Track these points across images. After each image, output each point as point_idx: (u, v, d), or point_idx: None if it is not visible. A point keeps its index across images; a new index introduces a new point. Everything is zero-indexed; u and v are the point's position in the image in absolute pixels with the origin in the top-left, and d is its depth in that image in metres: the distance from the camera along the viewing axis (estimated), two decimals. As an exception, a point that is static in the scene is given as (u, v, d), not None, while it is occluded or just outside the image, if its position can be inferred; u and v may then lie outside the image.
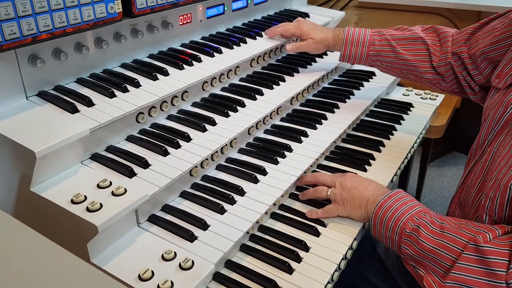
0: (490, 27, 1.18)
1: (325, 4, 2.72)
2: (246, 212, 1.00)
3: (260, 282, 0.89)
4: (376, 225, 0.98)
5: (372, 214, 0.99)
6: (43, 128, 0.91)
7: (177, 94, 1.18)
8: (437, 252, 0.87)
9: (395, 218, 0.95)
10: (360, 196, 1.03)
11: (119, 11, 1.08)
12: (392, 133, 1.45)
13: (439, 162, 3.06)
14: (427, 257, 0.88)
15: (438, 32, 1.32)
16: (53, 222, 0.89)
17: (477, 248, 0.81)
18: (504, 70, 1.05)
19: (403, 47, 1.33)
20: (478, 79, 1.20)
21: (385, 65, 1.38)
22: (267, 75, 1.45)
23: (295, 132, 1.30)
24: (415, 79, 1.38)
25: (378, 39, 1.35)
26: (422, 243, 0.89)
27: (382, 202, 0.98)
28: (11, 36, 0.88)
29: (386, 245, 0.98)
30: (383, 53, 1.35)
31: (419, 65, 1.32)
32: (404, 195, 0.99)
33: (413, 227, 0.91)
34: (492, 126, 1.02)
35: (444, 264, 0.85)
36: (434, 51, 1.29)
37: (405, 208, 0.95)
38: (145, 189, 0.91)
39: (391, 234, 0.95)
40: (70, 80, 1.09)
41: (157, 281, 0.81)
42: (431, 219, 0.91)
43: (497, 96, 1.05)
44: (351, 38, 1.37)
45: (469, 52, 1.20)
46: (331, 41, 1.42)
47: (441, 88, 1.34)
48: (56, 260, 0.50)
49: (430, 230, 0.89)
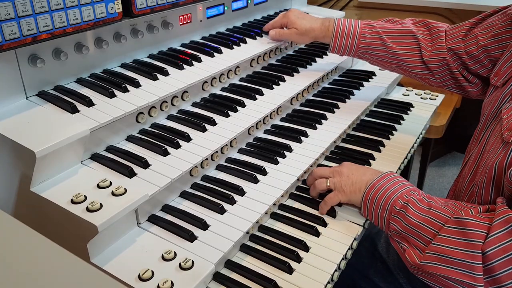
0: (488, 23, 1.18)
1: (325, 4, 2.72)
2: (246, 212, 1.00)
3: (260, 282, 0.89)
4: (367, 204, 1.02)
5: (363, 194, 1.03)
6: (43, 128, 0.91)
7: (177, 94, 1.18)
8: (421, 226, 0.90)
9: (386, 196, 0.98)
10: (359, 180, 1.06)
11: (119, 11, 1.08)
12: (392, 133, 1.45)
13: (439, 162, 3.06)
14: (411, 231, 0.92)
15: (429, 26, 1.32)
16: (53, 222, 0.89)
17: (458, 221, 0.85)
18: (502, 68, 1.06)
19: (393, 41, 1.33)
20: (481, 72, 1.21)
21: (375, 58, 1.38)
22: (267, 75, 1.45)
23: (295, 132, 1.30)
24: (403, 73, 1.39)
25: (368, 32, 1.35)
26: (409, 218, 0.92)
27: (374, 183, 1.02)
28: (11, 36, 0.88)
29: (375, 223, 1.02)
30: (373, 46, 1.35)
31: (408, 59, 1.32)
32: (395, 176, 1.03)
33: (402, 204, 0.95)
34: (487, 120, 1.05)
35: (425, 237, 0.89)
36: (425, 46, 1.29)
37: (396, 188, 0.99)
38: (145, 189, 0.91)
39: (381, 212, 0.99)
40: (70, 80, 1.09)
41: (157, 281, 0.81)
42: (420, 197, 0.95)
43: (495, 94, 1.06)
44: (341, 30, 1.36)
45: (466, 48, 1.20)
46: (318, 32, 1.40)
47: (429, 83, 1.35)
48: (56, 260, 0.50)
49: (417, 207, 0.93)
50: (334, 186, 1.08)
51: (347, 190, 1.06)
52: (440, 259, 0.85)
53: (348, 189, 1.06)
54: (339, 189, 1.07)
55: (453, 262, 0.83)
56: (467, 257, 0.82)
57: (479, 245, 0.80)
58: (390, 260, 1.19)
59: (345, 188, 1.07)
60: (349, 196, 1.06)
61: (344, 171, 1.09)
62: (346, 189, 1.06)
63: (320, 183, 1.10)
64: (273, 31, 1.46)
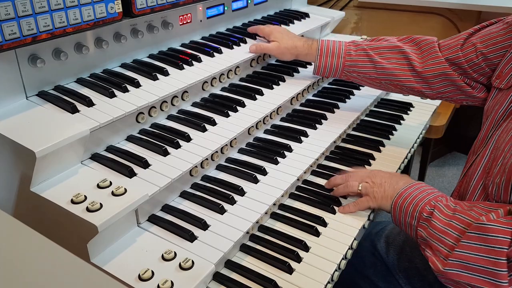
0: (486, 32, 1.18)
1: (325, 4, 2.72)
2: (246, 212, 1.00)
3: (260, 282, 0.89)
4: (396, 213, 1.02)
5: (392, 202, 1.03)
6: (43, 128, 0.91)
7: (177, 94, 1.18)
8: (445, 231, 0.90)
9: (414, 203, 0.98)
10: (392, 189, 1.06)
11: (119, 11, 1.08)
12: (392, 133, 1.45)
13: (439, 162, 3.06)
14: (435, 237, 0.91)
15: (417, 41, 1.30)
16: (53, 222, 0.89)
17: (480, 227, 0.83)
18: (504, 70, 1.06)
19: (381, 56, 1.30)
20: (481, 79, 1.21)
21: (362, 76, 1.34)
22: (267, 75, 1.45)
23: (295, 132, 1.30)
24: (394, 89, 1.35)
25: (354, 49, 1.33)
26: (434, 224, 0.92)
27: (403, 191, 1.02)
28: (11, 36, 0.88)
29: (406, 232, 1.02)
30: (360, 63, 1.32)
31: (399, 73, 1.29)
32: (424, 185, 1.03)
33: (429, 211, 0.94)
34: (494, 122, 1.04)
35: (449, 242, 0.88)
36: (415, 58, 1.27)
37: (424, 195, 0.99)
38: (145, 189, 0.91)
39: (410, 220, 0.99)
40: (70, 80, 1.09)
41: (157, 281, 0.81)
42: (447, 203, 0.95)
43: (499, 96, 1.06)
44: (325, 49, 1.34)
45: (465, 56, 1.19)
46: (301, 50, 1.37)
47: (424, 94, 1.32)
48: (56, 260, 0.50)
49: (443, 213, 0.92)
50: (366, 191, 1.09)
51: (378, 197, 1.07)
52: (463, 266, 0.84)
53: (379, 196, 1.07)
54: (370, 195, 1.08)
55: (476, 269, 0.82)
56: (491, 264, 0.80)
57: (504, 252, 0.79)
58: (390, 260, 1.19)
59: (377, 195, 1.07)
60: (379, 203, 1.07)
61: (378, 179, 1.10)
62: (377, 196, 1.07)
63: (352, 186, 1.11)
64: (253, 46, 1.41)
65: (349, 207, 1.10)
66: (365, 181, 1.10)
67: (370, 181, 1.10)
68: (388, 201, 1.05)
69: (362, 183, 1.10)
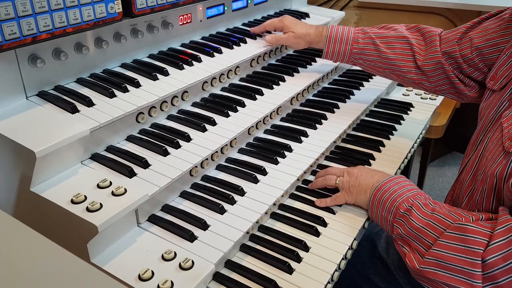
0: (483, 27, 1.18)
1: (325, 4, 2.72)
2: (246, 212, 1.00)
3: (260, 282, 0.89)
4: (374, 206, 1.02)
5: (371, 195, 1.03)
6: (43, 128, 0.91)
7: (177, 94, 1.18)
8: (423, 230, 0.90)
9: (391, 198, 0.99)
10: (366, 182, 1.07)
11: (119, 11, 1.08)
12: (392, 133, 1.45)
13: (439, 162, 3.06)
14: (413, 235, 0.92)
15: (423, 31, 1.31)
16: (53, 222, 0.89)
17: (459, 227, 0.84)
18: (498, 72, 1.06)
19: (386, 46, 1.33)
20: (476, 75, 1.21)
21: (368, 64, 1.38)
22: (267, 75, 1.45)
23: (295, 132, 1.30)
24: (397, 79, 1.38)
25: (361, 37, 1.35)
26: (412, 222, 0.92)
27: (382, 184, 1.03)
28: (11, 36, 0.88)
29: (381, 226, 1.02)
30: (366, 51, 1.35)
31: (402, 64, 1.31)
32: (403, 180, 1.03)
33: (406, 208, 0.95)
34: (485, 125, 1.05)
35: (426, 241, 0.89)
36: (419, 51, 1.29)
37: (402, 191, 0.99)
38: (145, 189, 0.91)
39: (386, 214, 0.99)
40: (70, 80, 1.09)
41: (157, 281, 0.81)
42: (425, 202, 0.95)
43: (492, 98, 1.06)
44: (334, 35, 1.37)
45: (461, 51, 1.20)
46: (313, 37, 1.40)
47: (424, 87, 1.34)
48: (56, 260, 0.50)
49: (421, 211, 0.93)
50: (342, 185, 1.10)
51: (354, 191, 1.08)
52: (439, 265, 0.85)
53: (354, 190, 1.07)
54: (346, 190, 1.09)
55: (452, 268, 0.83)
56: (467, 264, 0.81)
57: (480, 253, 0.80)
58: (390, 260, 1.19)
59: (352, 189, 1.08)
60: (355, 198, 1.07)
61: (355, 172, 1.11)
62: (352, 190, 1.08)
63: (330, 179, 1.12)
64: (269, 36, 1.45)
65: (326, 201, 1.10)
66: (342, 176, 1.11)
67: (347, 176, 1.10)
68: (363, 196, 1.06)
69: (340, 177, 1.11)
